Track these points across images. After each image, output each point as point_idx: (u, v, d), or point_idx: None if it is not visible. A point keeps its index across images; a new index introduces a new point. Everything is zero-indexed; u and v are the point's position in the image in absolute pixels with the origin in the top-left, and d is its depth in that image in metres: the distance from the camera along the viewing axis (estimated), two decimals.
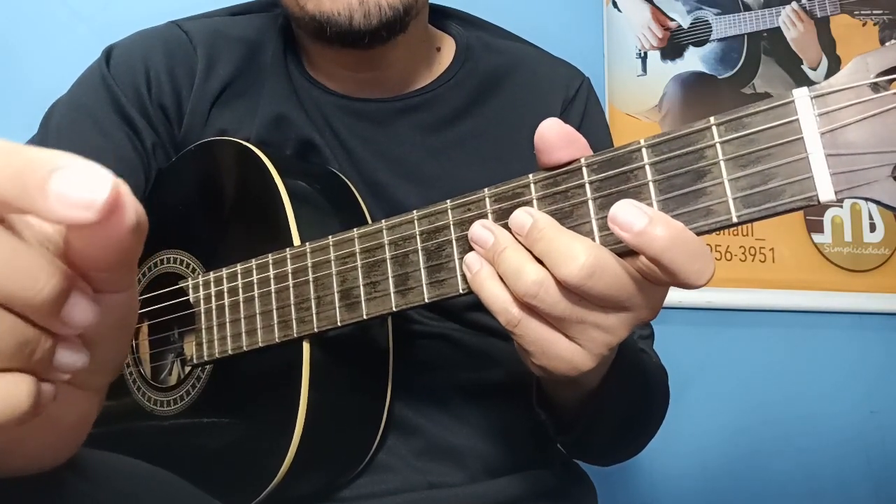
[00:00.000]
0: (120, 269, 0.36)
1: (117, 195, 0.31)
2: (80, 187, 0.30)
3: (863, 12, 1.84)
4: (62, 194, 0.30)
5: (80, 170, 0.31)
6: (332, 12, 0.83)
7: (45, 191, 0.30)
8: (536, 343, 0.57)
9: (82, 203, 0.30)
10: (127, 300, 0.38)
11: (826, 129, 0.47)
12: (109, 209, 0.31)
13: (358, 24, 0.83)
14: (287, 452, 0.74)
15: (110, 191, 0.31)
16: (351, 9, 0.83)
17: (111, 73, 0.93)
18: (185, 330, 0.87)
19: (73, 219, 0.30)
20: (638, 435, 0.92)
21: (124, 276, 0.37)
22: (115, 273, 0.36)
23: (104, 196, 0.31)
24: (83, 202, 0.30)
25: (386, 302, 0.66)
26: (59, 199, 0.30)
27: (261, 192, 0.81)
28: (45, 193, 0.30)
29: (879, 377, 1.74)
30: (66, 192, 0.30)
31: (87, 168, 0.31)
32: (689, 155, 0.52)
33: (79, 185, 0.30)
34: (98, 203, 0.30)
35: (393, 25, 0.85)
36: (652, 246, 0.50)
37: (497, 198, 0.60)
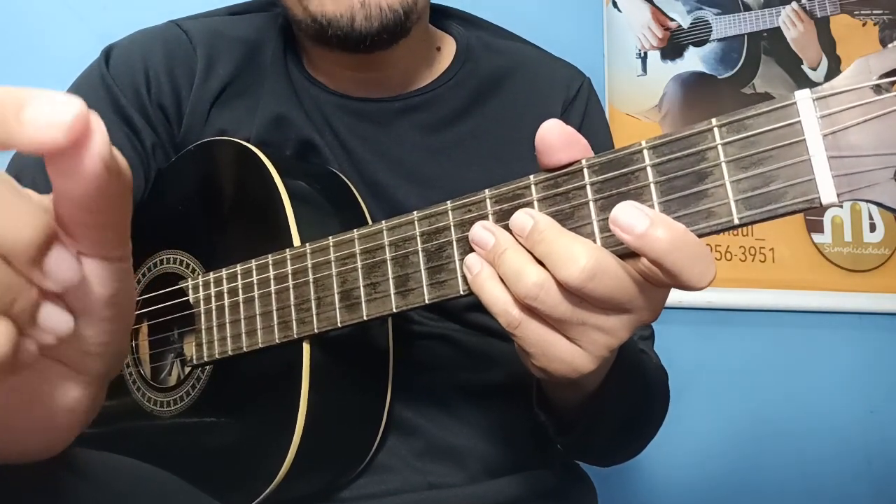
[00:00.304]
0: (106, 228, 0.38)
1: (85, 116, 0.33)
2: (51, 111, 0.33)
3: (863, 12, 1.84)
4: (35, 119, 0.33)
5: (51, 96, 0.33)
6: (334, 14, 0.83)
7: (20, 118, 0.32)
8: (537, 345, 0.57)
9: (54, 123, 0.33)
10: (117, 275, 0.39)
11: (828, 132, 0.47)
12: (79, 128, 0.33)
13: (360, 27, 0.83)
14: (287, 453, 0.74)
15: (78, 111, 0.33)
16: (353, 10, 0.83)
17: (110, 73, 0.93)
18: (185, 330, 0.87)
19: (45, 140, 0.33)
20: (638, 436, 0.92)
21: (112, 239, 0.38)
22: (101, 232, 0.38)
23: (73, 114, 0.33)
24: (55, 122, 0.33)
25: (386, 303, 0.66)
26: (32, 124, 0.32)
27: (261, 193, 0.81)
28: (20, 120, 0.32)
29: (879, 377, 1.74)
30: (38, 116, 0.33)
31: (56, 95, 0.33)
32: (690, 157, 0.52)
33: (50, 109, 0.33)
34: (68, 122, 0.33)
35: (394, 29, 0.85)
36: (653, 248, 0.50)
37: (498, 199, 0.60)
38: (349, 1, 0.83)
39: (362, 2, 0.83)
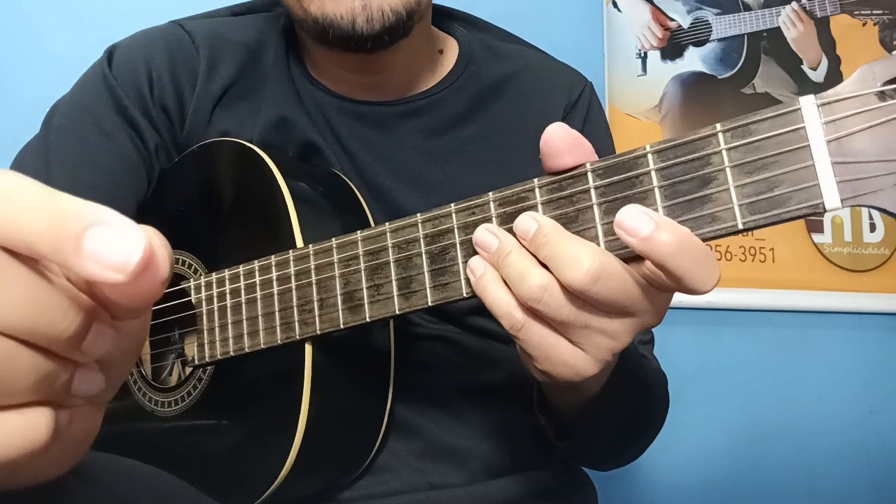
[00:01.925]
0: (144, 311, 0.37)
1: (150, 255, 0.31)
2: (113, 248, 0.30)
3: (863, 12, 1.84)
4: (95, 253, 0.30)
5: (114, 229, 0.31)
6: (334, 16, 0.83)
7: (79, 248, 0.30)
8: (540, 347, 0.57)
9: (115, 265, 0.30)
10: (142, 324, 0.39)
11: (832, 137, 0.47)
12: (141, 271, 0.31)
13: (360, 29, 0.83)
14: (288, 454, 0.74)
15: (143, 252, 0.31)
16: (354, 13, 0.83)
17: (113, 74, 0.92)
18: (187, 331, 0.87)
19: (104, 279, 0.30)
20: (637, 441, 0.92)
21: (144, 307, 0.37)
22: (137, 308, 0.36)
23: (137, 258, 0.30)
24: (116, 264, 0.30)
25: (389, 305, 0.66)
26: (91, 259, 0.30)
27: (264, 194, 0.81)
28: (78, 251, 0.30)
29: (879, 377, 1.74)
30: (99, 251, 0.30)
31: (121, 227, 0.31)
32: (694, 161, 0.52)
33: (112, 246, 0.30)
34: (131, 265, 0.30)
35: (395, 30, 0.85)
36: (658, 251, 0.50)
37: (502, 202, 0.60)
38: (350, 3, 0.83)
39: (363, 4, 0.82)
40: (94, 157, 0.89)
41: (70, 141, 0.90)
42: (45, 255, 0.31)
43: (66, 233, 0.30)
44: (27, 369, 0.32)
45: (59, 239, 0.30)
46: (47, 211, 0.31)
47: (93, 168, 0.88)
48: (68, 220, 0.30)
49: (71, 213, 0.31)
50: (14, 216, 0.31)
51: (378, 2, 0.83)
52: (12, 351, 0.32)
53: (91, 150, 0.89)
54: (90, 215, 0.31)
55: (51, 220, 0.30)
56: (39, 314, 0.32)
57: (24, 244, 0.31)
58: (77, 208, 0.31)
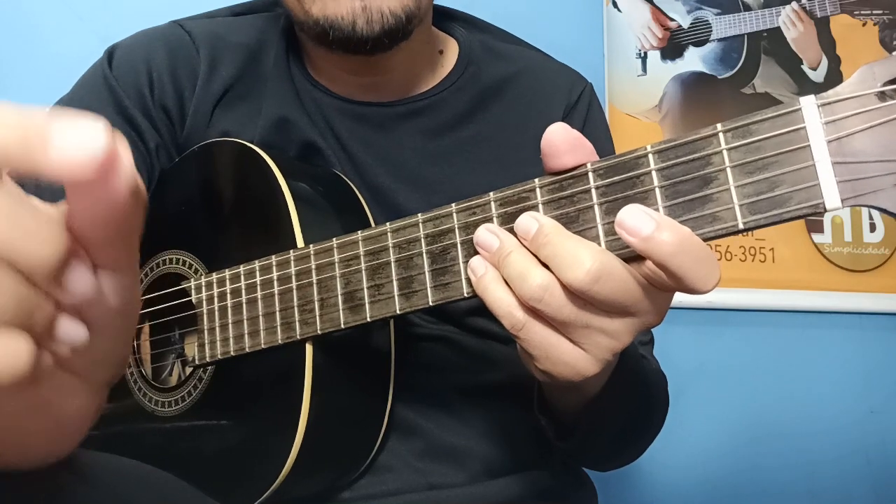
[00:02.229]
0: (120, 243, 0.37)
1: (114, 146, 0.32)
2: (78, 138, 0.31)
3: (863, 12, 1.84)
4: (62, 147, 0.31)
5: (78, 122, 0.32)
6: (335, 17, 0.83)
7: (46, 144, 0.31)
8: (540, 347, 0.57)
9: (81, 154, 0.31)
10: (128, 285, 0.39)
11: (833, 138, 0.47)
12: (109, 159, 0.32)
13: (361, 30, 0.83)
14: (289, 454, 0.74)
15: (107, 140, 0.32)
16: (354, 14, 0.83)
17: (113, 74, 0.92)
18: (187, 331, 0.87)
19: (72, 172, 0.32)
20: (637, 441, 0.92)
21: (124, 252, 0.38)
22: (115, 246, 0.37)
23: (101, 144, 0.32)
24: (82, 154, 0.31)
25: (390, 305, 0.66)
26: (59, 152, 0.31)
27: (265, 194, 0.81)
28: (46, 147, 0.31)
29: (879, 377, 1.74)
30: (66, 144, 0.31)
31: (84, 121, 0.32)
32: (695, 161, 0.52)
33: (77, 137, 0.31)
34: (96, 153, 0.32)
35: (395, 33, 0.85)
36: (659, 251, 0.50)
37: (502, 202, 0.60)
38: (350, 4, 0.83)
39: (363, 6, 0.83)
40: None
41: None
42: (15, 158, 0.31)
43: (35, 131, 0.31)
44: (7, 290, 0.33)
45: (28, 138, 0.31)
46: (14, 119, 0.32)
47: None
48: (34, 124, 0.31)
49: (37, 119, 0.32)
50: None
51: (378, 4, 0.83)
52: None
53: None
54: (55, 118, 0.32)
55: (19, 123, 0.31)
56: (18, 235, 0.32)
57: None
58: (41, 114, 0.32)
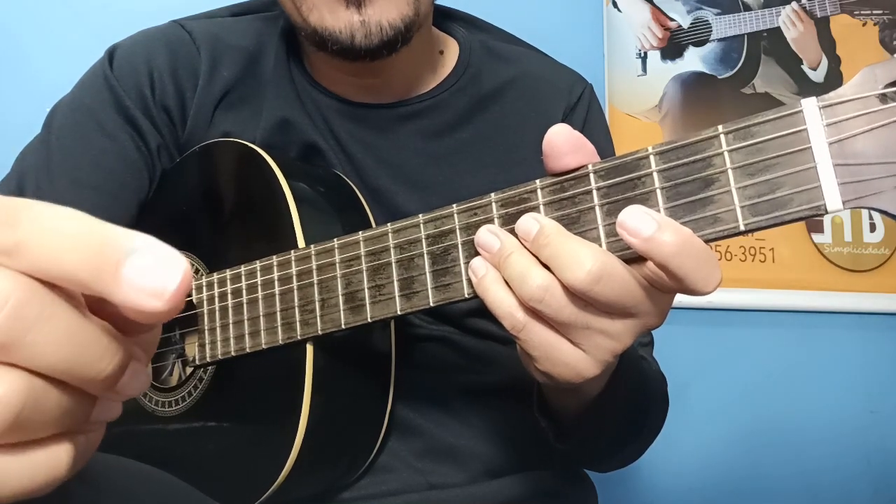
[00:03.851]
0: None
1: (188, 282, 0.31)
2: (152, 275, 0.31)
3: (863, 12, 1.84)
4: (135, 281, 0.30)
5: (152, 255, 0.31)
6: (333, 29, 0.83)
7: (118, 276, 0.30)
8: (541, 348, 0.57)
9: (154, 292, 0.30)
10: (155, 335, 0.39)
11: (834, 140, 0.47)
12: (179, 297, 0.31)
13: (359, 44, 0.83)
14: (289, 454, 0.74)
15: (182, 278, 0.31)
16: (352, 28, 0.82)
17: (114, 74, 0.92)
18: (188, 331, 0.87)
19: (142, 307, 0.31)
20: (637, 442, 0.92)
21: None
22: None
23: (175, 284, 0.31)
24: (155, 291, 0.31)
25: (391, 305, 0.66)
26: (131, 286, 0.30)
27: (266, 195, 0.81)
28: (117, 279, 0.30)
29: (879, 377, 1.75)
30: (138, 279, 0.30)
31: (159, 253, 0.31)
32: (696, 163, 0.52)
33: (151, 273, 0.31)
34: (168, 292, 0.31)
35: (394, 44, 0.84)
36: (660, 252, 0.50)
37: (503, 203, 0.60)
38: (348, 18, 0.82)
39: (362, 20, 0.82)
40: (95, 158, 0.89)
41: (71, 141, 0.89)
42: (86, 284, 0.31)
43: (107, 260, 0.30)
44: (55, 407, 0.32)
45: (100, 267, 0.30)
46: (90, 239, 0.31)
47: (94, 168, 0.88)
48: (109, 246, 0.31)
49: (111, 241, 0.31)
50: (58, 247, 0.31)
51: (377, 17, 0.82)
52: (42, 390, 0.31)
53: (92, 150, 0.89)
54: (129, 243, 0.31)
55: (91, 250, 0.31)
56: (78, 354, 0.31)
57: (66, 275, 0.31)
58: (118, 235, 0.31)
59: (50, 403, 0.32)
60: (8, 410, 0.30)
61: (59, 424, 0.32)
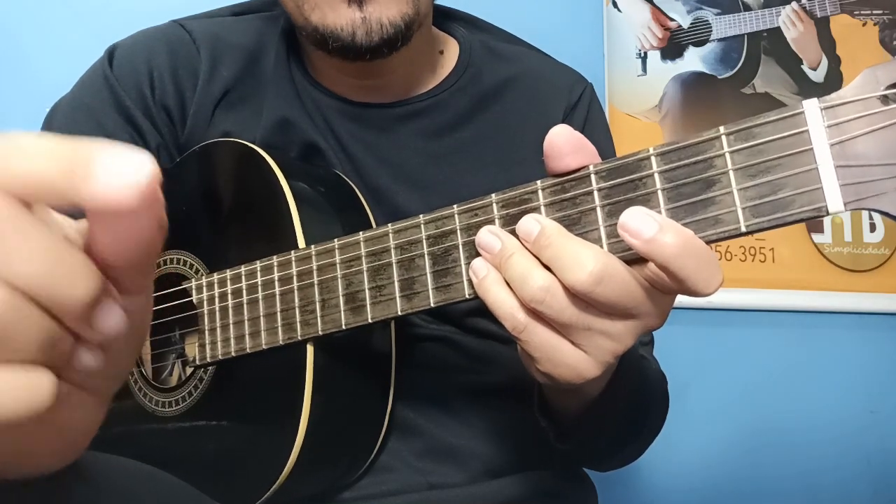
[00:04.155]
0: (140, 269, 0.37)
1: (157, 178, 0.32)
2: (123, 168, 0.31)
3: (863, 12, 1.84)
4: (106, 177, 0.31)
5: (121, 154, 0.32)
6: (335, 27, 0.83)
7: (90, 174, 0.31)
8: (542, 349, 0.57)
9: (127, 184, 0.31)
10: (144, 305, 0.39)
11: (835, 141, 0.47)
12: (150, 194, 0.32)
13: (360, 41, 0.83)
14: (290, 454, 0.74)
15: (151, 171, 0.32)
16: (354, 25, 0.82)
17: (114, 74, 0.92)
18: (188, 331, 0.87)
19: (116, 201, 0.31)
20: (637, 442, 0.92)
21: (144, 276, 0.38)
22: (135, 273, 0.37)
23: (147, 176, 0.31)
24: (127, 183, 0.31)
25: (391, 306, 0.66)
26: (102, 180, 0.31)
27: (266, 195, 0.81)
28: (89, 177, 0.31)
29: (880, 377, 1.74)
30: (109, 175, 0.31)
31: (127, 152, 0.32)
32: (698, 164, 0.52)
33: (122, 167, 0.31)
34: (141, 183, 0.31)
35: (394, 42, 0.85)
36: (662, 253, 0.50)
37: (504, 204, 0.60)
38: (350, 15, 0.82)
39: (363, 17, 0.82)
40: None
41: None
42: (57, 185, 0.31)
43: (77, 163, 0.31)
44: (34, 328, 0.32)
45: (72, 166, 0.31)
46: (58, 150, 0.32)
47: None
48: (78, 152, 0.31)
49: (80, 148, 0.32)
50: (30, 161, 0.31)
51: (377, 14, 0.83)
52: (22, 307, 0.32)
53: None
54: (97, 147, 0.32)
55: (62, 156, 0.31)
56: (54, 273, 0.32)
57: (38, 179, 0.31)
58: (85, 143, 0.32)
59: (29, 322, 0.32)
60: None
61: (38, 349, 0.33)
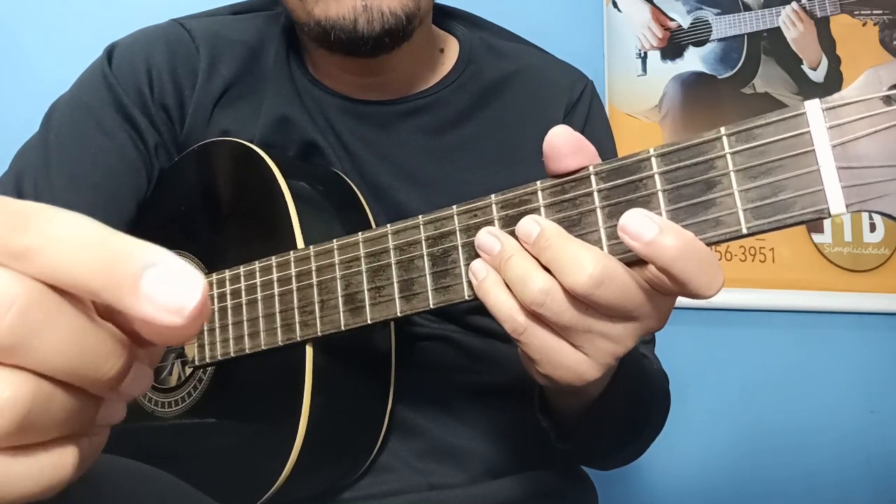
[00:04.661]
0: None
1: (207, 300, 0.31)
2: (171, 290, 0.30)
3: (863, 12, 1.84)
4: (153, 296, 0.30)
5: (173, 271, 0.31)
6: (337, 16, 0.83)
7: (136, 289, 0.30)
8: (542, 351, 0.57)
9: (172, 308, 0.30)
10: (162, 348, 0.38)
11: (837, 142, 0.47)
12: (198, 315, 0.31)
13: (362, 29, 0.83)
14: (289, 455, 0.74)
15: (201, 297, 0.30)
16: (356, 12, 0.82)
17: (113, 73, 0.92)
18: None
19: (160, 321, 0.30)
20: (638, 441, 0.92)
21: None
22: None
23: (195, 303, 0.30)
24: (173, 307, 0.30)
25: (391, 307, 0.66)
26: (149, 301, 0.30)
27: (265, 194, 0.81)
28: (135, 292, 0.30)
29: (880, 377, 1.74)
30: (157, 294, 0.30)
31: (179, 270, 0.31)
32: (698, 165, 0.52)
33: (171, 289, 0.30)
34: (188, 310, 0.30)
35: (395, 33, 0.85)
36: (662, 255, 0.50)
37: (504, 204, 0.60)
38: (352, 3, 0.82)
39: (364, 5, 0.82)
40: (93, 156, 0.89)
41: (70, 140, 0.89)
42: (100, 294, 0.30)
43: (123, 273, 0.30)
44: (60, 409, 0.32)
45: (117, 278, 0.30)
46: (103, 250, 0.31)
47: (93, 167, 0.88)
48: (125, 259, 0.30)
49: (128, 253, 0.30)
50: (70, 256, 0.30)
51: (378, 3, 0.83)
52: (48, 392, 0.31)
53: (91, 149, 0.89)
54: (147, 256, 0.31)
55: (109, 257, 0.30)
56: (83, 357, 0.31)
57: (77, 283, 0.30)
58: (134, 248, 0.31)
59: (56, 405, 0.31)
60: (15, 412, 0.30)
61: (64, 427, 0.32)
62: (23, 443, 0.31)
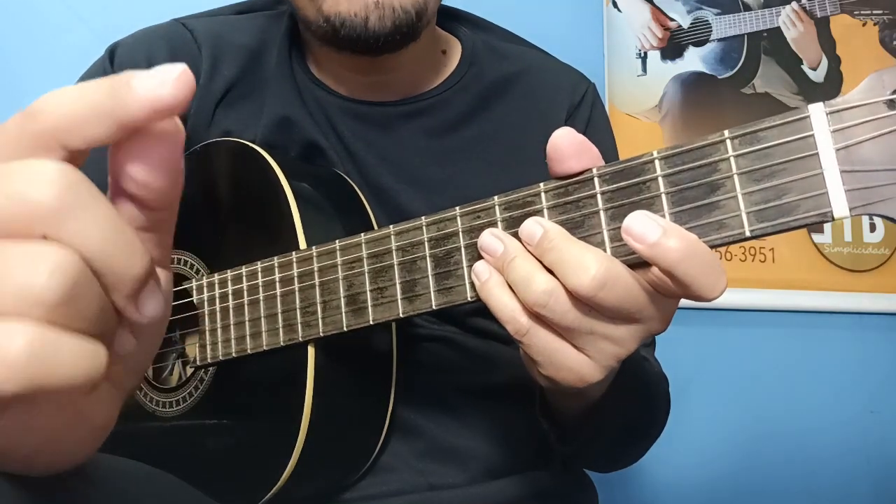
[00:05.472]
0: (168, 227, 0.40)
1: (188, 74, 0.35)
2: (155, 74, 0.35)
3: (863, 12, 1.84)
4: (143, 82, 0.34)
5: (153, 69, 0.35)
6: (348, 13, 0.83)
7: (130, 86, 0.34)
8: (544, 353, 0.56)
9: (161, 80, 0.34)
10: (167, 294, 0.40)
11: (841, 146, 0.47)
12: (184, 79, 0.35)
13: (373, 27, 0.83)
14: (291, 456, 0.74)
15: (182, 68, 0.35)
16: (367, 10, 0.82)
17: (114, 72, 0.92)
18: (188, 331, 0.87)
19: (156, 98, 0.34)
20: (639, 443, 0.92)
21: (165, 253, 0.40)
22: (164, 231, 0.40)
23: (178, 71, 0.35)
24: (162, 79, 0.34)
25: (393, 308, 0.66)
26: (141, 87, 0.34)
27: (267, 195, 0.81)
28: (129, 88, 0.34)
29: (880, 377, 1.75)
30: (147, 79, 0.35)
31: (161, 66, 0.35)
32: (702, 168, 0.52)
33: (153, 73, 0.35)
34: (173, 76, 0.35)
35: (406, 30, 0.84)
36: (666, 258, 0.50)
37: (507, 206, 0.60)
38: (364, 1, 0.83)
39: (376, 1, 0.82)
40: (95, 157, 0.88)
41: None
42: (110, 109, 0.35)
43: (119, 83, 0.35)
44: (95, 297, 0.34)
45: (115, 90, 0.35)
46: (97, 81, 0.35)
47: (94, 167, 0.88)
48: (119, 76, 0.35)
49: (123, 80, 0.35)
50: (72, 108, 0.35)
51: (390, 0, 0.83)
52: (88, 277, 0.34)
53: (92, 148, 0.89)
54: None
55: (104, 84, 0.35)
56: (117, 244, 0.34)
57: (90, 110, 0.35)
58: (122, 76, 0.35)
59: (93, 292, 0.34)
60: (65, 280, 0.32)
61: (95, 323, 0.34)
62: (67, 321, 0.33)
